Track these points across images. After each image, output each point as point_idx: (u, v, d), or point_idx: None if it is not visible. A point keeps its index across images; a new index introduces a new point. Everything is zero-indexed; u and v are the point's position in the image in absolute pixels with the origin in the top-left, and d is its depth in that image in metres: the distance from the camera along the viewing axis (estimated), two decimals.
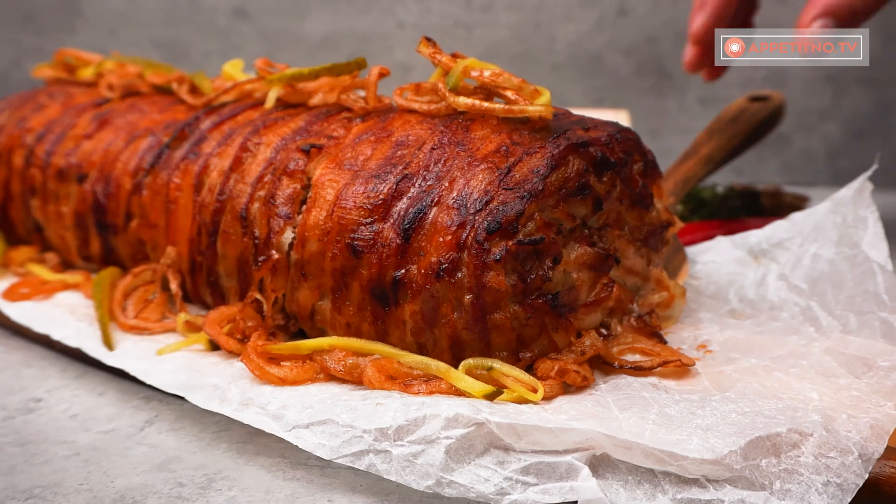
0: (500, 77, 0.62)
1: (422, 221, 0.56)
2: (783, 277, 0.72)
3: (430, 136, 0.60)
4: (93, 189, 0.77)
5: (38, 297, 0.77)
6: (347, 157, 0.62)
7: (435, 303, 0.55)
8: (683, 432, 0.48)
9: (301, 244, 0.61)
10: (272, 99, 0.73)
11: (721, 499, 0.45)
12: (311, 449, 0.51)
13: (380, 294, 0.57)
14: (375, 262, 0.57)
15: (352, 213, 0.59)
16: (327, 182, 0.61)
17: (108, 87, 0.86)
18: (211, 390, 0.58)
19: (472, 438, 0.49)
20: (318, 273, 0.60)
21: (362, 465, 0.50)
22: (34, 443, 0.58)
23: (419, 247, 0.56)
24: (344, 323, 0.60)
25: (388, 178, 0.59)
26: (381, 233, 0.57)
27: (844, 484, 0.45)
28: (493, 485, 0.47)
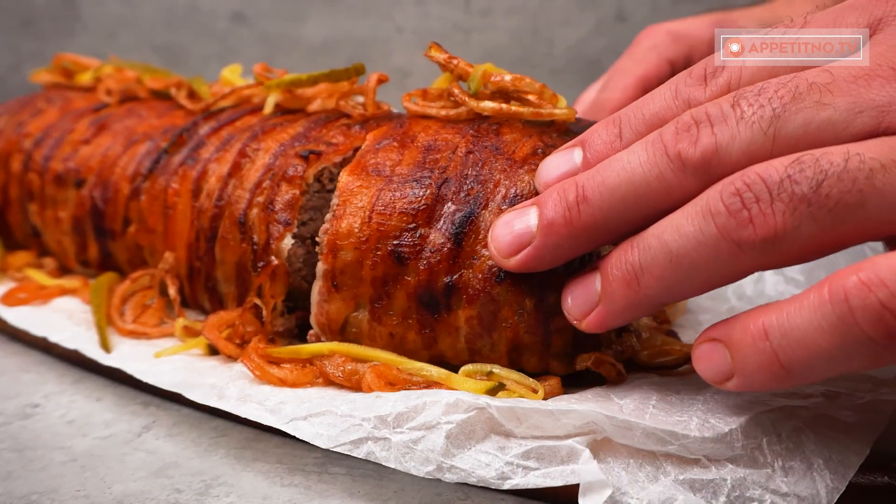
0: (522, 82, 0.61)
1: (472, 225, 0.55)
2: (779, 272, 0.72)
3: (461, 140, 0.60)
4: (91, 194, 0.77)
5: (36, 302, 0.76)
6: (372, 163, 0.60)
7: (495, 307, 0.54)
8: (684, 415, 0.48)
9: (332, 254, 0.58)
10: (270, 104, 0.73)
11: (724, 477, 0.45)
12: (309, 438, 0.52)
13: (428, 301, 0.56)
14: (424, 268, 0.56)
15: (392, 219, 0.57)
16: (357, 189, 0.59)
17: (106, 92, 0.86)
18: (209, 388, 0.58)
19: (473, 423, 0.49)
20: (354, 283, 0.57)
21: (360, 453, 0.50)
22: (31, 448, 0.58)
23: (472, 251, 0.55)
24: (386, 333, 0.58)
25: (428, 182, 0.57)
26: (427, 238, 0.56)
27: (846, 460, 0.46)
28: (495, 469, 0.47)
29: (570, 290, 0.52)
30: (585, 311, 0.50)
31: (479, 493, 0.52)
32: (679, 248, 0.45)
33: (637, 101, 0.52)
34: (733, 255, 0.43)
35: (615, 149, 0.51)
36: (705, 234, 0.44)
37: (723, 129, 0.45)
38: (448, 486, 0.52)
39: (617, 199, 0.48)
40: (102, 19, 1.67)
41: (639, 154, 0.47)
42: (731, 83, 0.49)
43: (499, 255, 0.53)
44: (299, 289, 0.65)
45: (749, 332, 0.43)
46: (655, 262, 0.46)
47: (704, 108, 0.46)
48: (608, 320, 0.49)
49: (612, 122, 0.52)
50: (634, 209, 0.48)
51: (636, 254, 0.47)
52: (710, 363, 0.45)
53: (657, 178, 0.46)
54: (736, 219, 0.42)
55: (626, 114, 0.52)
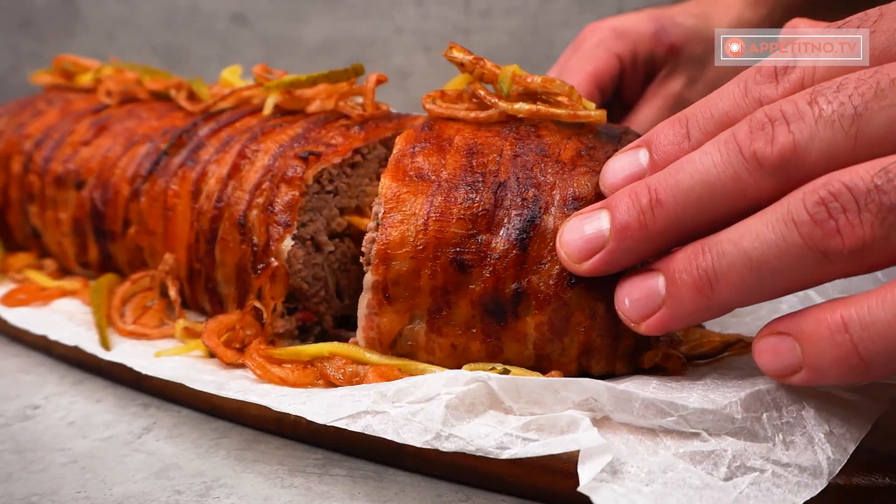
0: (553, 83, 0.60)
1: (536, 229, 0.54)
2: None
3: (504, 143, 0.58)
4: (91, 195, 0.77)
5: (36, 304, 0.77)
6: (413, 168, 0.58)
7: (567, 311, 0.53)
8: (684, 391, 0.49)
9: (383, 264, 0.55)
10: (270, 106, 0.73)
11: (724, 448, 0.45)
12: (307, 415, 0.52)
13: (494, 309, 0.54)
14: (489, 275, 0.54)
15: (451, 225, 0.54)
16: (405, 195, 0.56)
17: (106, 94, 0.87)
18: (209, 382, 0.58)
19: (473, 397, 0.49)
20: (411, 294, 0.55)
21: (358, 427, 0.50)
22: (31, 450, 0.58)
23: (538, 255, 0.54)
24: (448, 345, 0.56)
25: (481, 187, 0.56)
26: (489, 244, 0.54)
27: (847, 434, 0.46)
28: (494, 439, 0.47)
29: (626, 291, 0.51)
30: (646, 313, 0.49)
31: (479, 495, 0.52)
32: (760, 255, 0.44)
33: (703, 99, 0.51)
34: (819, 264, 0.43)
35: (683, 149, 0.50)
36: (788, 242, 0.43)
37: (801, 128, 0.44)
38: (448, 488, 0.52)
39: (691, 202, 0.47)
40: (102, 20, 1.67)
41: (712, 155, 0.46)
42: (805, 80, 0.47)
43: (569, 259, 0.52)
44: (299, 290, 0.65)
45: (825, 325, 0.42)
46: (732, 268, 0.45)
47: (779, 105, 0.45)
48: (671, 324, 0.49)
49: (677, 122, 0.51)
50: (709, 211, 0.47)
51: (709, 259, 0.46)
52: (776, 356, 0.45)
53: (732, 179, 0.46)
54: (822, 228, 0.42)
55: (693, 113, 0.51)
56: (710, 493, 0.44)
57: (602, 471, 0.44)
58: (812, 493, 0.44)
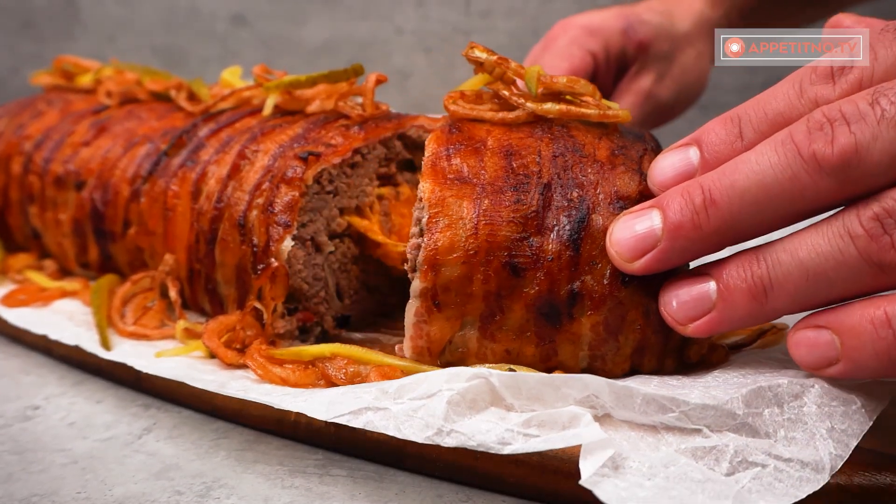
0: (578, 83, 0.60)
1: (587, 230, 0.54)
2: None
3: (539, 143, 0.57)
4: (91, 196, 0.77)
5: (37, 304, 0.76)
6: (451, 170, 0.56)
7: (622, 310, 0.53)
8: (685, 389, 0.49)
9: (432, 271, 0.54)
10: (270, 106, 0.73)
11: (726, 444, 0.45)
12: (309, 412, 0.52)
13: (549, 311, 0.53)
14: (543, 277, 0.53)
15: (502, 229, 0.54)
16: (450, 199, 0.55)
17: (106, 94, 0.87)
18: (210, 382, 0.58)
19: (475, 393, 0.49)
20: (462, 300, 0.54)
21: (359, 423, 0.50)
22: (31, 451, 0.58)
23: (590, 256, 0.53)
24: (501, 350, 0.55)
25: (528, 188, 0.55)
26: (541, 246, 0.53)
27: (849, 429, 0.46)
28: (495, 434, 0.47)
29: (674, 293, 0.51)
30: (693, 316, 0.50)
31: (480, 495, 0.52)
32: (816, 266, 0.45)
33: (754, 98, 0.51)
34: (874, 276, 0.44)
35: (736, 149, 0.50)
36: (845, 255, 0.44)
37: (862, 129, 0.44)
38: (449, 488, 0.52)
39: (747, 203, 0.47)
40: (102, 21, 1.67)
41: (768, 155, 0.46)
42: (863, 80, 0.47)
43: (621, 258, 0.52)
44: (300, 290, 0.65)
45: (868, 320, 0.44)
46: (788, 278, 0.46)
47: (838, 105, 0.45)
48: (720, 328, 0.49)
49: (729, 121, 0.51)
50: (765, 212, 0.47)
51: (764, 267, 0.47)
52: (813, 349, 0.46)
53: (790, 180, 0.45)
54: (877, 243, 0.43)
55: (746, 112, 0.50)
56: (712, 486, 0.44)
57: (604, 465, 0.44)
58: (814, 487, 0.44)
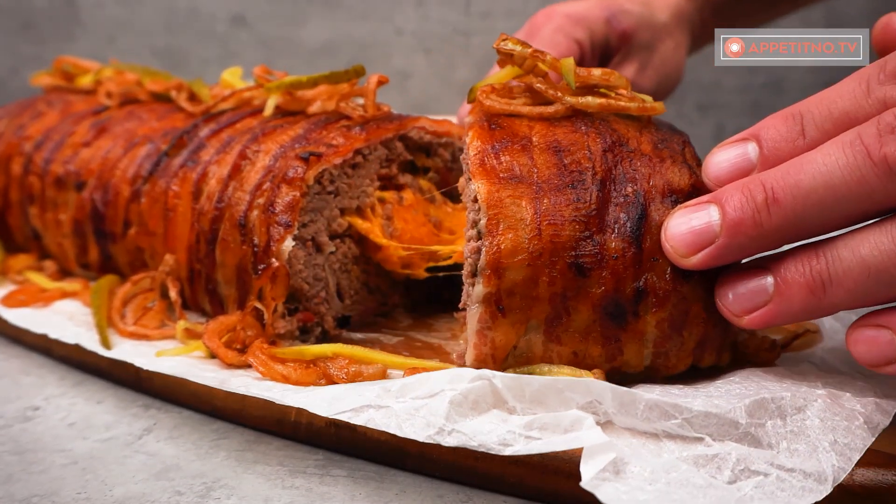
0: (612, 76, 0.59)
1: (646, 225, 0.53)
2: None
3: (586, 139, 0.56)
4: (91, 197, 0.77)
5: (37, 305, 0.76)
6: (503, 169, 0.55)
7: (686, 305, 0.53)
8: (687, 398, 0.49)
9: (496, 275, 0.52)
10: (271, 107, 0.73)
11: (728, 452, 0.45)
12: (309, 407, 0.52)
13: (614, 311, 0.53)
14: (609, 276, 0.52)
15: (565, 228, 0.52)
16: (508, 199, 0.53)
17: (106, 95, 0.87)
18: (211, 379, 0.58)
19: (477, 394, 0.49)
20: (527, 303, 0.53)
21: (360, 420, 0.50)
22: (32, 451, 0.58)
23: (651, 251, 0.53)
24: (569, 353, 0.54)
25: (585, 185, 0.54)
26: (604, 244, 0.52)
27: (852, 444, 0.46)
28: (497, 435, 0.47)
29: (731, 286, 0.51)
30: (749, 308, 0.50)
31: (480, 496, 0.52)
32: (878, 263, 0.45)
33: (819, 95, 0.50)
34: None
35: (798, 147, 0.49)
36: None
37: None
38: (449, 489, 0.52)
39: (812, 203, 0.46)
40: (102, 22, 1.67)
41: (836, 156, 0.46)
42: None
43: (677, 254, 0.51)
44: (300, 291, 0.65)
45: None
46: (849, 274, 0.46)
47: None
48: (776, 320, 0.49)
49: (791, 118, 0.50)
50: (829, 213, 0.47)
51: (824, 263, 0.47)
52: (873, 346, 0.47)
53: (858, 183, 0.45)
54: None
55: (809, 109, 0.50)
56: (714, 492, 0.43)
57: (605, 469, 0.44)
58: (817, 497, 0.44)
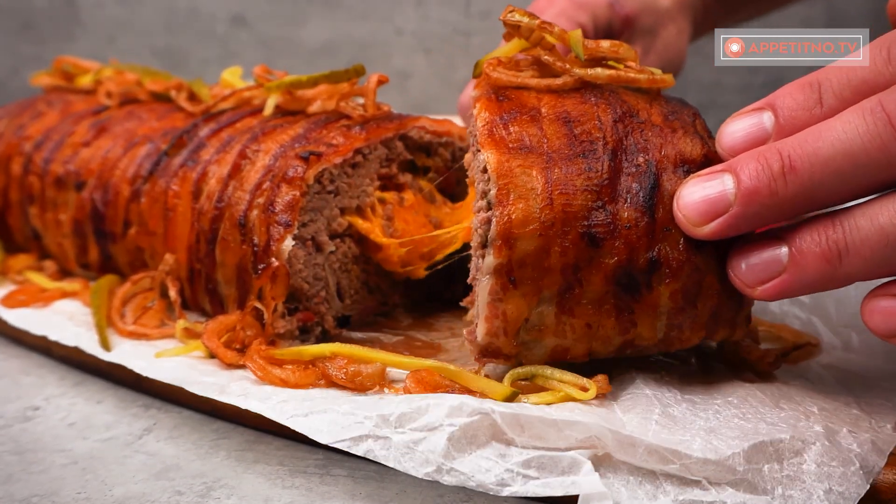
0: (621, 48, 0.58)
1: (659, 195, 0.52)
2: None
3: (596, 109, 0.56)
4: (91, 196, 0.77)
5: (37, 305, 0.76)
6: (512, 139, 0.54)
7: (699, 276, 0.52)
8: (687, 433, 0.48)
9: (507, 246, 0.52)
10: (271, 106, 0.73)
11: (724, 500, 0.45)
12: (309, 433, 0.51)
13: (627, 282, 0.52)
14: (622, 247, 0.51)
15: (577, 198, 0.52)
16: (518, 169, 0.52)
17: (106, 95, 0.87)
18: (210, 385, 0.58)
19: (476, 428, 0.49)
20: (539, 274, 0.52)
21: (360, 451, 0.50)
22: (31, 451, 0.58)
23: (664, 222, 0.52)
24: (582, 325, 0.53)
25: (597, 155, 0.53)
26: (616, 214, 0.52)
27: (846, 492, 0.45)
28: (494, 475, 0.47)
29: (743, 256, 0.50)
30: (763, 279, 0.49)
31: (481, 497, 0.52)
32: None
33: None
34: None
35: (815, 115, 0.48)
36: None
37: None
38: (449, 489, 0.52)
39: (830, 171, 0.46)
40: (102, 22, 1.67)
41: (856, 123, 0.45)
42: None
43: (689, 223, 0.50)
44: (300, 290, 0.65)
45: None
46: (866, 243, 0.45)
47: None
48: (790, 291, 0.48)
49: (808, 86, 0.49)
50: (849, 181, 0.46)
51: (840, 232, 0.46)
52: (889, 318, 0.46)
53: (878, 150, 0.44)
54: None
55: (827, 77, 0.49)
56: None
57: None
58: None
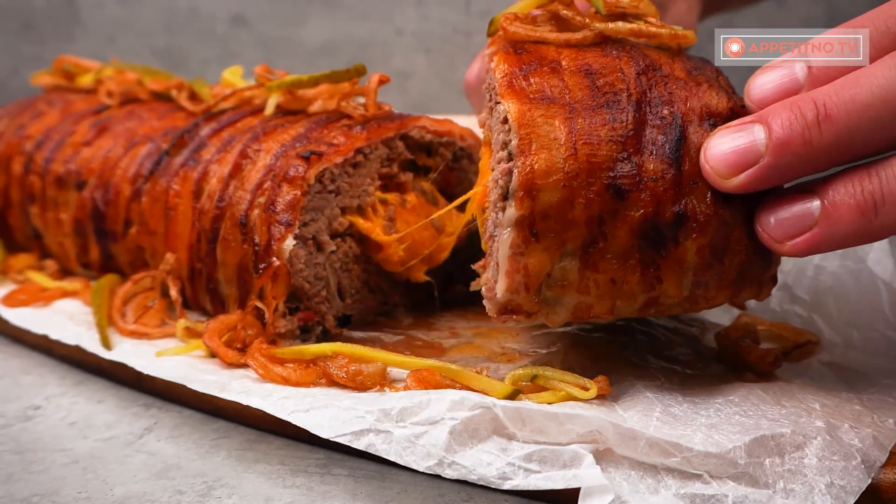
0: (642, 3, 0.57)
1: (685, 147, 0.51)
2: (785, 287, 0.72)
3: (619, 62, 0.54)
4: (92, 196, 0.77)
5: (37, 304, 0.76)
6: (533, 90, 0.52)
7: (727, 230, 0.51)
8: (688, 428, 0.48)
9: (529, 197, 0.50)
10: (272, 106, 0.73)
11: (725, 494, 0.45)
12: (310, 428, 0.51)
13: (654, 236, 0.50)
14: (648, 199, 0.50)
15: (602, 148, 0.50)
16: (541, 119, 0.51)
17: (107, 94, 0.87)
18: (211, 383, 0.58)
19: (477, 423, 0.49)
20: (562, 227, 0.50)
21: (361, 445, 0.50)
22: (32, 451, 0.58)
23: (691, 174, 0.50)
24: (606, 280, 0.51)
25: (621, 105, 0.52)
26: (642, 166, 0.50)
27: (848, 486, 0.45)
28: (496, 469, 0.47)
29: (772, 210, 0.49)
30: (792, 233, 0.48)
31: (482, 495, 0.52)
32: None
33: (873, 12, 0.48)
34: None
35: (852, 64, 0.47)
36: None
37: None
38: (451, 488, 0.52)
39: (867, 119, 0.45)
40: (102, 22, 1.67)
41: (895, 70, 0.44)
42: None
43: (717, 175, 0.49)
44: (301, 290, 0.65)
45: None
46: None
47: None
48: (821, 246, 0.47)
49: (844, 34, 0.48)
50: (886, 130, 0.45)
51: (877, 183, 0.45)
52: None
53: None
54: None
55: (864, 25, 0.48)
56: None
57: None
58: None
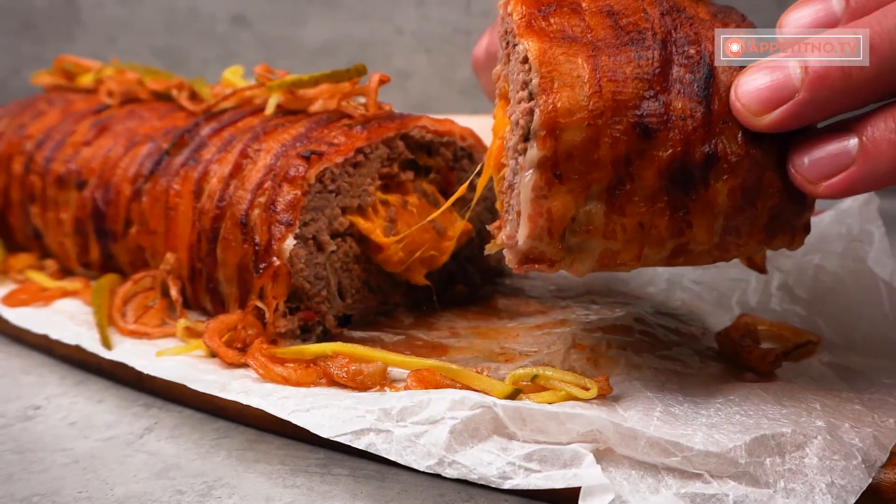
0: None
1: (714, 86, 0.49)
2: (785, 287, 0.72)
3: (641, 3, 0.52)
4: (92, 196, 0.77)
5: (38, 304, 0.76)
6: (554, 30, 0.51)
7: (759, 171, 0.49)
8: (688, 428, 0.48)
9: (551, 136, 0.48)
10: (272, 105, 0.73)
11: (726, 493, 0.45)
12: (311, 427, 0.51)
13: (682, 178, 0.48)
14: (677, 138, 0.48)
15: (628, 86, 0.48)
16: (563, 56, 0.49)
17: (107, 94, 0.87)
18: (212, 383, 0.58)
19: (478, 422, 0.49)
20: (587, 168, 0.48)
21: (362, 444, 0.50)
22: (32, 450, 0.58)
23: (721, 113, 0.49)
24: (634, 224, 0.49)
25: (646, 43, 0.50)
26: (670, 105, 0.48)
27: (848, 486, 0.45)
28: (496, 468, 0.47)
29: (806, 150, 0.47)
30: (828, 173, 0.46)
31: (482, 495, 0.52)
32: None
33: None
34: None
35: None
36: None
37: None
38: (451, 488, 0.52)
39: None
40: (102, 22, 1.67)
41: None
42: None
43: (749, 112, 0.47)
44: (301, 289, 0.65)
45: None
46: None
47: None
48: (858, 185, 0.45)
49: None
50: None
51: None
52: None
53: None
54: None
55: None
56: None
57: None
58: None
